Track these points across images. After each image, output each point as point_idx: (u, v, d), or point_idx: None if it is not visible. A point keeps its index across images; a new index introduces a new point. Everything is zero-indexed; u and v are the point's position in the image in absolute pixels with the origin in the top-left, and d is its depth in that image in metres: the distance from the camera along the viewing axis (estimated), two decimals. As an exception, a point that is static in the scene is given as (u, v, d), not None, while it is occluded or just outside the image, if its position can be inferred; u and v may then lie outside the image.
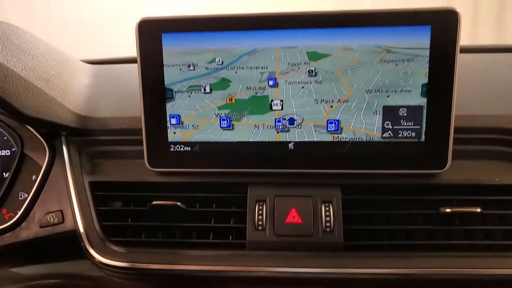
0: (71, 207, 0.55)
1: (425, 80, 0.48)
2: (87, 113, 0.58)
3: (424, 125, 0.49)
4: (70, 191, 0.55)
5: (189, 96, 0.52)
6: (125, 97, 0.61)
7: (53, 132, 0.58)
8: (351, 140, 0.50)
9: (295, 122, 0.51)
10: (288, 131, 0.51)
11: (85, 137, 0.58)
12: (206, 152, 0.53)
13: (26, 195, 0.57)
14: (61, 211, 0.56)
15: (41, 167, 0.58)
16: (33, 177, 0.59)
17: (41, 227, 0.55)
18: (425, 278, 0.48)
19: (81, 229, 0.53)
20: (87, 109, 0.59)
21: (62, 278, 0.60)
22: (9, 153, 0.61)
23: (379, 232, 0.51)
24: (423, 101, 0.49)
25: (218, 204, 0.54)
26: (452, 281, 0.49)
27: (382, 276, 0.48)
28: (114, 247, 0.53)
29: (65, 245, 0.55)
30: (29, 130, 0.59)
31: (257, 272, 0.49)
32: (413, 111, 0.49)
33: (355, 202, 0.52)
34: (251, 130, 0.52)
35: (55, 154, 0.59)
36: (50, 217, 0.55)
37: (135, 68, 0.52)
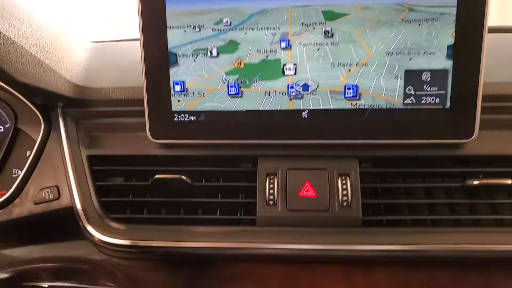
0: (68, 182, 0.51)
1: (451, 41, 0.45)
2: (85, 83, 0.54)
3: (449, 90, 0.45)
4: (66, 165, 0.52)
5: (194, 61, 0.48)
6: (126, 68, 0.57)
7: (49, 103, 0.55)
8: (370, 107, 0.47)
9: (309, 88, 0.47)
10: (301, 98, 0.47)
11: (82, 108, 0.54)
12: (212, 122, 0.49)
13: (20, 172, 0.54)
14: (57, 187, 0.52)
15: (36, 142, 0.54)
16: (28, 153, 0.55)
17: (35, 203, 0.52)
18: (449, 255, 0.45)
19: (78, 206, 0.50)
20: (85, 79, 0.55)
21: (59, 262, 0.57)
22: (2, 130, 0.57)
23: (399, 207, 0.48)
24: (448, 64, 0.45)
25: (225, 178, 0.50)
26: (478, 258, 0.45)
27: (403, 253, 0.45)
28: (114, 224, 0.49)
29: (62, 223, 0.52)
30: (24, 103, 0.55)
31: (268, 249, 0.46)
32: (438, 75, 0.45)
33: (374, 175, 0.48)
34: (262, 97, 0.48)
35: (50, 127, 0.55)
36: (45, 193, 0.52)
37: (137, 43, 0.48)
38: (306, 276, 0.46)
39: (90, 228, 0.49)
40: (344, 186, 0.46)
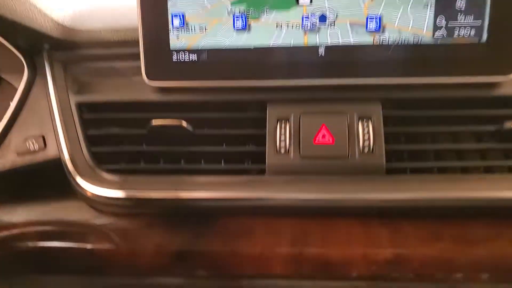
0: (55, 131, 0.46)
1: (491, -39, 0.39)
2: (74, 25, 0.49)
3: (486, 20, 0.40)
4: (53, 113, 0.47)
5: (196, -11, 0.42)
6: (120, 9, 0.51)
7: (33, 46, 0.49)
8: (396, 42, 0.41)
9: (327, 19, 0.41)
10: (318, 31, 0.42)
11: (71, 51, 0.49)
12: (216, 61, 0.43)
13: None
14: (43, 137, 0.47)
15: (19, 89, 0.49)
16: (10, 103, 0.50)
17: (18, 155, 0.46)
18: (483, 205, 0.40)
19: (66, 156, 0.45)
20: (74, 20, 0.49)
21: (48, 225, 0.51)
22: (-18, 81, 0.52)
23: (425, 153, 0.43)
24: None
25: (230, 125, 0.45)
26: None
27: (431, 203, 0.40)
28: (106, 176, 0.44)
29: (49, 177, 0.47)
30: (5, 48, 0.49)
31: (279, 200, 0.41)
32: (474, 2, 0.40)
33: (398, 119, 0.43)
34: (272, 31, 0.42)
35: (35, 73, 0.49)
36: (29, 143, 0.46)
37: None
38: (322, 230, 0.41)
39: (79, 180, 0.44)
40: (366, 131, 0.41)
